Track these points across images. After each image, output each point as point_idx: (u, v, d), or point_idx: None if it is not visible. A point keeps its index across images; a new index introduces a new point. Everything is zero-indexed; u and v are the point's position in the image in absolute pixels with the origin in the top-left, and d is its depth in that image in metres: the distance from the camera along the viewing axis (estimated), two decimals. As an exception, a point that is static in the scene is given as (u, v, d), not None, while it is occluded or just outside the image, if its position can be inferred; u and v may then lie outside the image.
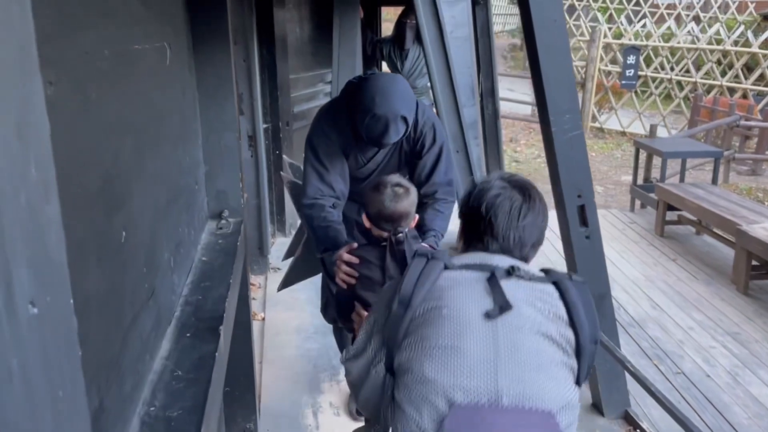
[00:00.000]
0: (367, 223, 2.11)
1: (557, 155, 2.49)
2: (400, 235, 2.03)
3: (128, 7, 1.26)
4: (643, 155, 6.91)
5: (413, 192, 2.05)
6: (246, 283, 2.37)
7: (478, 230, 1.26)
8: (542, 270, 1.28)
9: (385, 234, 2.05)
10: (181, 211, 1.74)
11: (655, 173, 6.88)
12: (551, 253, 5.24)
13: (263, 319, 3.73)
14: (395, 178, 2.08)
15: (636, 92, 11.64)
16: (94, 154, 0.97)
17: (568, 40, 2.51)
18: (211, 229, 2.20)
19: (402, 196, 2.00)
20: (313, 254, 3.20)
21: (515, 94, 13.30)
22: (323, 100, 5.46)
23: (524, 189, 1.28)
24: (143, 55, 1.34)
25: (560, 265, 4.82)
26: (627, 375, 2.77)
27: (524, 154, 9.98)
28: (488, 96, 6.10)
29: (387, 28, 7.56)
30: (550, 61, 2.32)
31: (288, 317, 3.76)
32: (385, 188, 2.02)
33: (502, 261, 1.23)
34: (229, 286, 1.70)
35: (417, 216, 2.11)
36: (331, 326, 3.62)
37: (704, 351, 3.77)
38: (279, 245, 4.94)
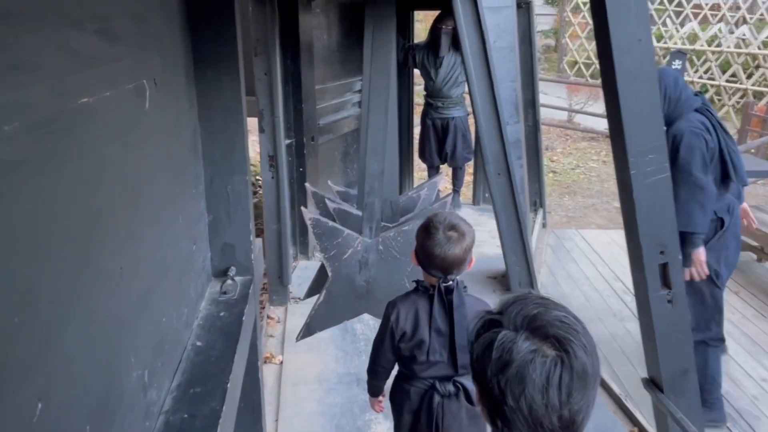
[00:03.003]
0: (414, 262, 1.85)
1: (636, 203, 2.05)
2: (450, 283, 1.78)
3: (78, 45, 0.86)
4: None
5: (469, 236, 1.77)
6: (256, 351, 1.97)
7: (502, 413, 0.86)
8: None
9: (434, 280, 1.79)
10: (169, 292, 1.35)
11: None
12: (594, 298, 4.76)
13: (281, 362, 3.34)
14: (452, 219, 1.78)
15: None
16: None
17: (655, 65, 2.05)
18: (214, 293, 1.81)
19: (455, 242, 1.74)
20: (336, 301, 2.81)
21: (549, 98, 12.71)
22: (351, 111, 5.03)
23: (560, 339, 0.84)
24: (99, 108, 0.94)
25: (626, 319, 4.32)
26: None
27: (561, 164, 9.45)
28: (529, 107, 5.64)
29: (418, 30, 7.12)
30: (632, 91, 1.88)
31: (308, 361, 3.36)
32: (437, 231, 1.75)
33: None
34: (226, 392, 1.30)
35: (474, 259, 1.82)
36: (355, 375, 3.24)
37: (783, 411, 3.28)
38: (301, 269, 4.56)
